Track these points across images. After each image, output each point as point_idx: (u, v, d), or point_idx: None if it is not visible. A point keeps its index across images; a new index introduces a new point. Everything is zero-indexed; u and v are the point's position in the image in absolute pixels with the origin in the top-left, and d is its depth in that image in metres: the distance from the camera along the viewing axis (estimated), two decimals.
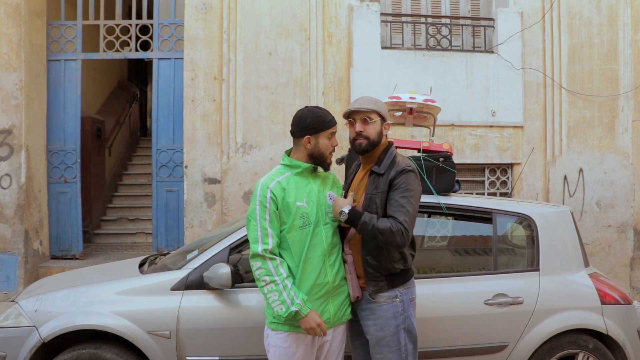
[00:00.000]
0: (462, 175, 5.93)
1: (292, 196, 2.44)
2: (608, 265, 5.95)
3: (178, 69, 5.90)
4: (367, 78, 5.71)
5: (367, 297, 2.50)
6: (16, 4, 5.53)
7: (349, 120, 2.59)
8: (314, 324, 2.37)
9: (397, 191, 2.42)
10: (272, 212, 2.42)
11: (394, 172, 2.45)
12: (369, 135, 2.52)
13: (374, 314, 2.48)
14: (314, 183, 2.53)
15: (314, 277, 2.42)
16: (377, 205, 2.44)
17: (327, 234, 2.49)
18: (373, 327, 2.48)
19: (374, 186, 2.48)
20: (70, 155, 5.99)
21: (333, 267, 2.48)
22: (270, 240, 2.40)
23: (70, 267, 5.56)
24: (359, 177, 2.65)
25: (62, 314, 2.86)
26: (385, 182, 2.45)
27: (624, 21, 6.07)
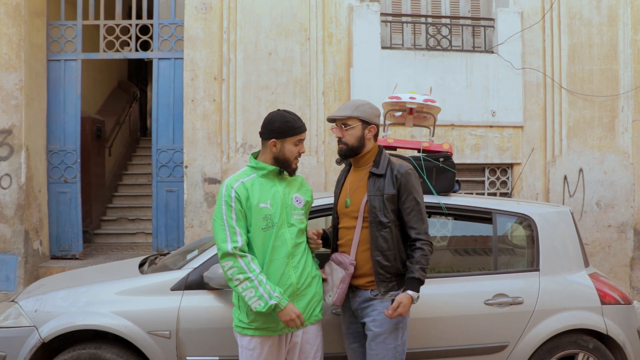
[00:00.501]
0: (462, 175, 5.93)
1: (255, 198, 2.46)
2: (608, 265, 5.95)
3: (178, 69, 5.90)
4: (367, 78, 5.71)
5: (370, 295, 2.53)
6: (16, 4, 5.53)
7: (332, 127, 2.69)
8: (293, 316, 2.39)
9: (409, 197, 2.51)
10: (238, 210, 2.44)
11: (399, 174, 2.52)
12: (347, 142, 2.59)
13: (374, 310, 2.50)
14: (279, 185, 2.54)
15: (277, 279, 2.43)
16: (386, 207, 2.50)
17: (291, 235, 2.49)
18: (372, 323, 2.50)
19: (375, 188, 2.53)
20: (70, 155, 5.99)
21: (297, 269, 2.48)
22: (239, 239, 2.41)
23: (70, 267, 5.56)
24: (353, 179, 2.67)
25: (62, 314, 2.86)
26: (390, 183, 2.52)
27: (624, 21, 6.07)
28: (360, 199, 2.58)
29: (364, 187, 2.58)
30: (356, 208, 2.58)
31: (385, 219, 2.50)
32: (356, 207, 2.58)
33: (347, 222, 2.63)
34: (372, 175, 2.57)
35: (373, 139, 2.65)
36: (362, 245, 2.56)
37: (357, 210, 2.57)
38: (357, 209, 2.57)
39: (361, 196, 2.57)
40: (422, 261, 2.47)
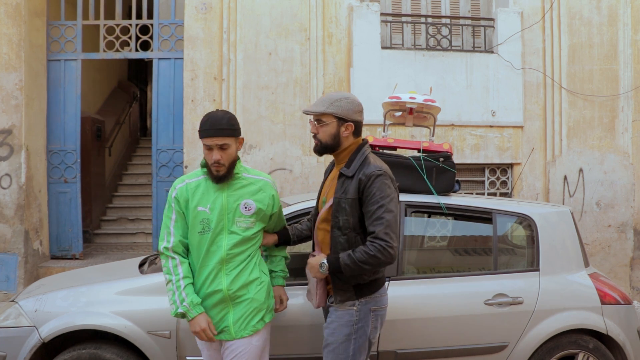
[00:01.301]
0: (462, 175, 5.93)
1: (195, 200, 2.42)
2: (608, 265, 5.95)
3: (178, 69, 5.90)
4: (367, 78, 5.72)
5: (329, 302, 2.48)
6: (16, 4, 5.53)
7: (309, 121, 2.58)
8: (198, 328, 2.36)
9: (371, 201, 2.30)
10: (177, 211, 2.45)
11: (364, 177, 2.32)
12: (321, 139, 2.44)
13: (330, 317, 2.43)
14: (226, 190, 2.43)
15: (208, 284, 2.39)
16: (347, 212, 2.33)
17: (228, 242, 2.39)
18: (326, 329, 2.42)
19: (342, 190, 2.37)
20: (70, 155, 5.99)
21: (230, 276, 2.38)
22: (171, 239, 2.42)
23: (70, 267, 5.56)
24: (331, 177, 2.55)
25: (62, 314, 2.86)
26: (355, 187, 2.33)
27: (624, 21, 6.08)
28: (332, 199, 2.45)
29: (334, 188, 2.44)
30: (327, 209, 2.46)
31: (344, 224, 2.34)
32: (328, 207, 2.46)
33: (320, 222, 2.51)
34: (341, 175, 2.40)
35: (352, 136, 2.44)
36: (326, 249, 2.44)
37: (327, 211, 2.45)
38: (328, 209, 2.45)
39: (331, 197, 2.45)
40: (357, 254, 2.26)
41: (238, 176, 2.47)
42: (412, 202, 3.18)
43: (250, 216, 2.43)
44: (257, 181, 2.51)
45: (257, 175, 2.54)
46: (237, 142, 2.47)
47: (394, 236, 2.27)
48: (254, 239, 2.47)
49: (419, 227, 3.62)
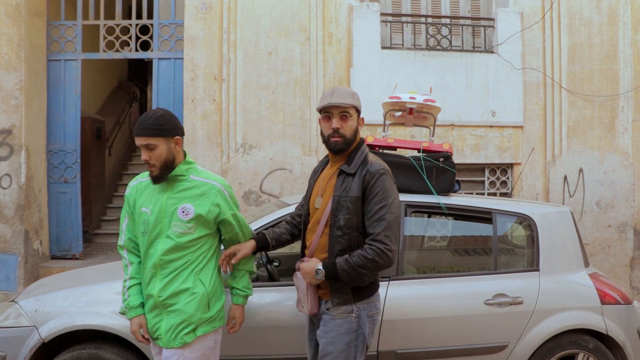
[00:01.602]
0: (462, 175, 5.93)
1: (140, 200, 2.39)
2: (608, 265, 5.95)
3: (178, 69, 5.90)
4: (367, 78, 5.72)
5: (324, 308, 2.33)
6: (16, 4, 5.53)
7: (324, 115, 2.34)
8: (132, 328, 2.38)
9: (374, 200, 2.23)
10: (127, 211, 2.46)
11: (368, 174, 2.25)
12: (346, 134, 2.31)
13: (326, 326, 2.31)
14: (167, 192, 2.36)
15: (145, 287, 2.38)
16: (350, 211, 2.25)
17: (163, 247, 2.30)
18: (323, 339, 2.31)
19: (343, 188, 2.28)
20: (70, 155, 5.99)
21: (162, 282, 2.30)
22: (122, 237, 2.46)
23: (70, 267, 5.56)
24: (326, 176, 2.42)
25: (62, 314, 2.86)
26: (359, 185, 2.26)
27: (624, 21, 6.08)
28: (328, 199, 2.33)
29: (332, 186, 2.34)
30: (323, 208, 2.34)
31: (346, 223, 2.25)
32: (323, 207, 2.34)
33: (314, 222, 2.39)
34: (341, 173, 2.31)
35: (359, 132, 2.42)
36: (321, 252, 2.33)
37: (323, 211, 2.33)
38: (323, 209, 2.34)
39: (330, 196, 2.33)
40: (355, 258, 2.19)
41: (183, 178, 2.37)
42: (412, 202, 3.18)
43: (189, 221, 2.31)
44: (202, 185, 2.38)
45: (205, 178, 2.41)
46: (168, 142, 2.32)
47: (394, 239, 2.21)
48: (193, 246, 2.33)
49: (419, 227, 3.62)
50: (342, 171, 2.32)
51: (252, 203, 5.57)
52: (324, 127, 2.35)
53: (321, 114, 2.36)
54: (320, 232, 2.33)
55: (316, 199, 2.39)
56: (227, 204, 2.41)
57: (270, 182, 5.61)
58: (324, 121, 2.35)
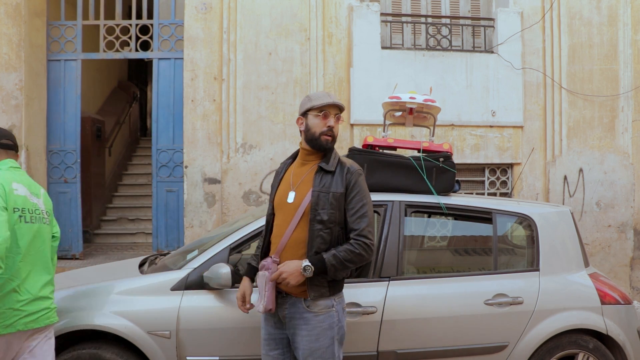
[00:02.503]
0: (462, 175, 5.93)
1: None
2: (608, 265, 5.95)
3: (178, 69, 5.90)
4: (367, 78, 5.72)
5: (303, 306, 2.35)
6: (16, 4, 5.53)
7: (322, 113, 2.42)
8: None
9: (356, 198, 2.37)
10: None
11: (349, 173, 2.39)
12: (335, 134, 2.46)
13: (308, 324, 2.33)
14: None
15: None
16: (333, 206, 2.34)
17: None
18: (307, 337, 2.32)
19: (322, 184, 2.37)
20: (70, 155, 5.99)
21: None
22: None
23: (70, 267, 5.55)
24: (298, 173, 2.48)
25: (62, 313, 2.86)
26: (340, 182, 2.38)
27: (624, 21, 6.08)
28: (304, 194, 2.39)
29: (310, 183, 2.40)
30: (298, 204, 2.39)
31: (327, 217, 2.33)
32: (298, 202, 2.39)
33: (285, 218, 2.42)
34: (320, 170, 2.41)
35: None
36: (296, 247, 2.35)
37: (298, 206, 2.38)
38: (298, 204, 2.38)
39: (305, 191, 2.39)
40: (343, 253, 2.30)
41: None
42: (412, 202, 3.18)
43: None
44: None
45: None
46: None
47: (373, 233, 2.40)
48: None
49: (419, 227, 3.62)
50: (320, 168, 2.42)
51: (252, 203, 5.57)
52: (317, 124, 2.42)
53: (314, 112, 2.44)
54: (293, 226, 2.37)
55: (288, 194, 2.44)
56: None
57: (270, 182, 5.59)
58: (318, 118, 2.42)
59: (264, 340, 2.51)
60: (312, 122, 2.43)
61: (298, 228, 2.37)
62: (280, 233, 2.41)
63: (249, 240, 3.00)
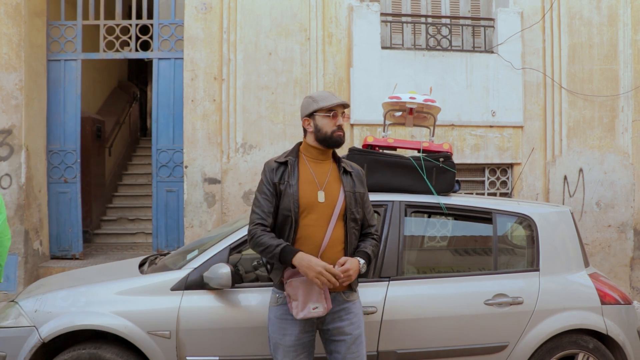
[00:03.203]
0: (462, 175, 5.93)
1: None
2: (608, 265, 5.95)
3: (178, 69, 5.90)
4: (367, 78, 5.72)
5: (342, 298, 2.47)
6: (16, 4, 5.53)
7: (332, 113, 2.48)
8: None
9: (368, 196, 2.62)
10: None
11: (362, 174, 2.62)
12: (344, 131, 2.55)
13: (349, 312, 2.47)
14: None
15: None
16: (361, 205, 2.54)
17: None
18: (350, 326, 2.46)
19: (349, 185, 2.53)
20: (70, 155, 5.99)
21: None
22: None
23: (70, 267, 5.56)
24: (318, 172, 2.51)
25: (62, 314, 2.86)
26: (359, 182, 2.57)
27: (624, 21, 6.07)
28: (335, 193, 2.47)
29: (338, 182, 2.50)
30: (332, 203, 2.45)
31: (359, 216, 2.52)
32: (333, 202, 2.45)
33: (319, 218, 2.43)
34: (345, 171, 2.55)
35: None
36: (334, 246, 2.43)
37: (333, 206, 2.44)
38: (333, 204, 2.45)
39: (336, 191, 2.48)
40: (374, 248, 2.54)
41: None
42: (412, 202, 3.18)
43: None
44: None
45: None
46: None
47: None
48: None
49: (419, 227, 3.62)
50: (345, 169, 2.56)
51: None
52: (327, 124, 2.48)
53: (322, 112, 2.49)
54: (333, 225, 2.44)
55: (317, 194, 2.45)
56: None
57: None
58: (327, 119, 2.48)
59: (290, 347, 2.44)
60: (322, 122, 2.48)
61: (336, 228, 2.46)
62: (315, 234, 2.42)
63: None
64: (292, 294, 2.38)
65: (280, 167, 2.53)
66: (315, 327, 2.49)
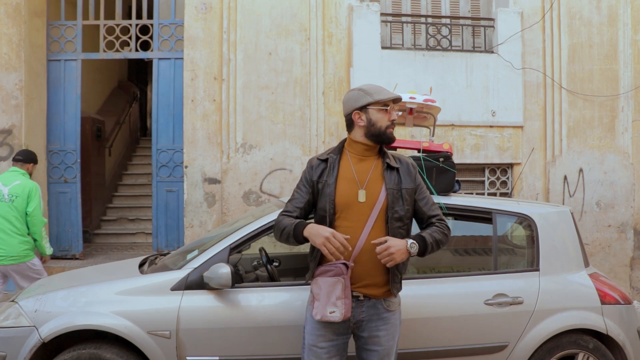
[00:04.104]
0: (462, 175, 5.93)
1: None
2: (608, 265, 5.95)
3: (178, 69, 5.90)
4: (367, 78, 5.71)
5: (383, 307, 2.37)
6: (16, 4, 5.53)
7: (384, 107, 2.38)
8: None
9: (423, 188, 2.47)
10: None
11: (413, 167, 2.46)
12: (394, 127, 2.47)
13: (387, 323, 2.38)
14: None
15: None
16: (407, 202, 2.38)
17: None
18: (385, 337, 2.37)
19: (393, 182, 2.37)
20: (70, 155, 5.99)
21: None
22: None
23: (70, 267, 5.56)
24: (359, 170, 2.40)
25: (62, 314, 2.86)
26: (407, 177, 2.41)
27: (624, 21, 6.08)
28: (377, 192, 2.35)
29: (380, 180, 2.37)
30: (372, 203, 2.34)
31: (405, 214, 2.36)
32: (373, 201, 2.34)
33: (358, 218, 2.34)
34: (388, 167, 2.40)
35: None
36: (375, 250, 2.27)
37: (373, 205, 2.33)
38: (372, 203, 2.34)
39: (377, 189, 2.36)
40: (436, 234, 2.38)
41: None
42: None
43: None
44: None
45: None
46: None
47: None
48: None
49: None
50: (389, 165, 2.42)
51: (252, 203, 5.57)
52: (381, 118, 2.37)
53: (377, 106, 2.37)
54: (370, 225, 2.33)
55: (358, 193, 2.35)
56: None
57: (270, 182, 5.61)
58: (382, 113, 2.38)
59: (323, 349, 2.35)
60: (376, 116, 2.37)
61: (375, 228, 2.33)
62: (353, 235, 2.31)
63: (249, 240, 3.00)
64: (316, 293, 2.31)
65: (322, 165, 2.45)
66: (351, 331, 2.40)
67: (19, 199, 4.29)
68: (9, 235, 4.28)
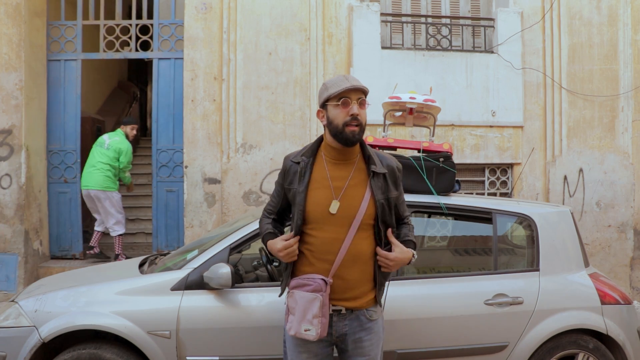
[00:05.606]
0: (462, 175, 5.93)
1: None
2: (608, 265, 5.95)
3: (178, 69, 5.90)
4: (367, 78, 5.69)
5: (366, 318, 2.19)
6: (16, 4, 5.53)
7: (342, 101, 2.06)
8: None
9: (401, 190, 2.27)
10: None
11: (397, 170, 2.23)
12: (362, 122, 2.08)
13: (370, 333, 2.20)
14: None
15: None
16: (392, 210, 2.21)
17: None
18: (369, 347, 2.21)
19: (380, 190, 2.14)
20: (70, 155, 5.99)
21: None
22: None
23: (70, 267, 5.56)
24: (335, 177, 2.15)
25: (62, 314, 2.86)
26: (392, 182, 2.18)
27: (624, 21, 6.08)
28: (356, 203, 2.11)
29: (361, 188, 2.13)
30: (351, 214, 2.10)
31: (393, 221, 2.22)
32: (351, 212, 2.10)
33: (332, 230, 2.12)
34: (375, 175, 2.14)
35: None
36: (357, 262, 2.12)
37: (352, 217, 2.10)
38: (351, 215, 2.10)
39: (358, 199, 2.11)
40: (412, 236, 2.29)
41: None
42: (412, 202, 3.17)
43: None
44: None
45: None
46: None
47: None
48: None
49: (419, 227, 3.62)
50: (375, 173, 2.14)
51: (252, 203, 5.57)
52: (337, 114, 2.07)
53: (333, 102, 2.09)
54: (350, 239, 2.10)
55: (331, 204, 2.10)
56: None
57: (270, 182, 5.60)
58: (338, 108, 2.07)
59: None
60: (332, 113, 2.08)
61: (359, 238, 2.11)
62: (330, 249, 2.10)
63: (249, 240, 3.00)
64: (291, 307, 2.12)
65: (293, 167, 2.21)
66: (333, 342, 2.23)
67: (111, 150, 5.88)
68: (99, 170, 5.76)
